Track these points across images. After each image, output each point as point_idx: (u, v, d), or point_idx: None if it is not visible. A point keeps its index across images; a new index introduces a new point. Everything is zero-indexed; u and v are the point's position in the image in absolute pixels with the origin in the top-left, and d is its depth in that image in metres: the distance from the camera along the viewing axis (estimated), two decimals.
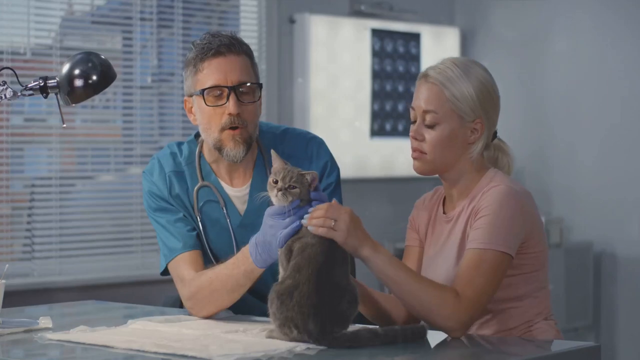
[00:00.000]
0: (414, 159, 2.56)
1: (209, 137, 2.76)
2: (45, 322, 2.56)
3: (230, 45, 2.73)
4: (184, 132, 5.30)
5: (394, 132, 6.06)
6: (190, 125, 5.28)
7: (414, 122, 2.55)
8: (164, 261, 2.81)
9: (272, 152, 2.42)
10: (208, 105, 2.72)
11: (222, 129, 2.73)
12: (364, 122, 5.94)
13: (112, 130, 5.34)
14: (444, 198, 2.66)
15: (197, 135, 2.90)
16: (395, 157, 6.05)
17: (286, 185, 2.35)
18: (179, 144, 2.91)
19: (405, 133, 6.11)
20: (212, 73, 2.72)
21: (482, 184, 2.53)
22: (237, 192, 2.84)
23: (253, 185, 2.82)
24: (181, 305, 3.13)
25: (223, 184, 2.84)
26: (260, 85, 2.78)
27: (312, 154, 2.86)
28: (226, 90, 2.72)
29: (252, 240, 2.50)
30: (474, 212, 2.49)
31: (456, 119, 2.50)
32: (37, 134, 4.96)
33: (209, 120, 2.74)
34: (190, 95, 2.78)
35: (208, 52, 2.72)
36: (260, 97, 2.78)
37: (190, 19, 5.37)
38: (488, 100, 2.52)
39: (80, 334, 2.41)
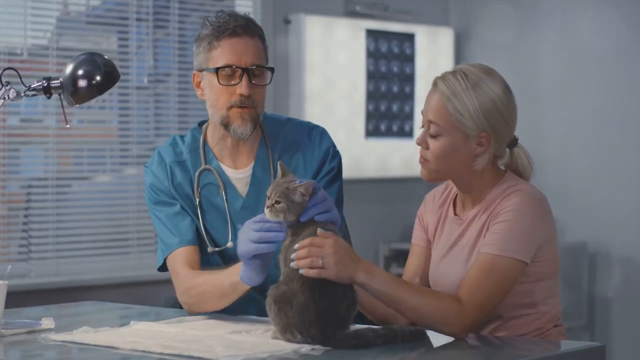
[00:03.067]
0: (420, 163, 2.54)
1: (216, 114, 2.79)
2: (47, 323, 2.56)
3: (246, 27, 2.75)
4: (180, 132, 5.29)
5: (388, 133, 6.07)
6: (186, 125, 5.28)
7: (423, 127, 2.54)
8: (162, 256, 2.82)
9: (279, 163, 2.41)
10: (221, 84, 2.74)
11: (231, 107, 2.76)
12: (359, 123, 5.95)
13: (108, 131, 5.34)
14: (456, 197, 2.64)
15: (201, 124, 2.93)
16: (390, 157, 6.05)
17: (273, 202, 2.32)
18: (181, 135, 2.93)
19: (400, 133, 6.12)
20: (226, 52, 2.74)
21: (500, 189, 2.51)
22: (240, 174, 2.85)
23: (256, 167, 2.84)
24: (181, 306, 3.14)
25: (225, 167, 2.85)
26: (272, 70, 2.81)
27: (315, 140, 2.88)
28: (239, 70, 2.74)
29: None
30: (492, 216, 2.47)
31: (459, 132, 2.47)
32: (34, 134, 4.95)
33: (218, 97, 2.77)
34: (201, 70, 2.80)
35: (225, 31, 2.74)
36: (270, 81, 2.81)
37: (185, 19, 5.36)
38: (496, 116, 2.49)
39: (84, 335, 2.41)
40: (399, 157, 6.07)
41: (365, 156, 5.96)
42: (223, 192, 2.82)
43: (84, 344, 2.32)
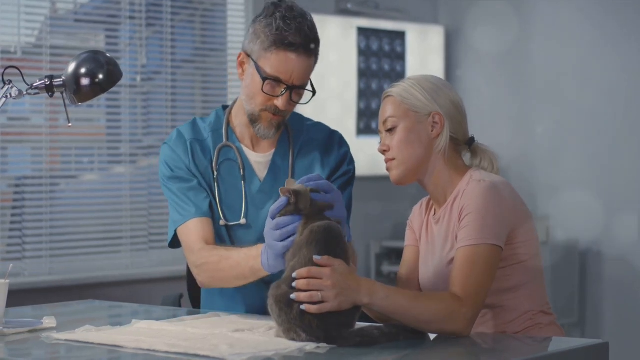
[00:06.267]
0: (388, 170, 2.65)
1: (248, 105, 2.81)
2: (49, 322, 2.55)
3: (307, 47, 2.75)
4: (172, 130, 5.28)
5: None
6: (177, 124, 5.27)
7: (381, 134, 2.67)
8: (173, 227, 2.84)
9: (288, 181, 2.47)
10: (263, 92, 2.75)
11: (264, 109, 2.78)
12: (350, 121, 5.95)
13: (97, 129, 5.32)
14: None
15: (224, 107, 2.96)
16: (381, 155, 6.03)
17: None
18: (202, 118, 2.96)
19: None
20: (279, 65, 2.73)
21: (463, 183, 2.59)
22: (260, 157, 2.88)
23: (276, 155, 2.88)
24: (180, 305, 3.15)
25: (246, 149, 2.89)
26: (314, 92, 2.83)
27: (335, 142, 2.95)
28: (284, 85, 2.75)
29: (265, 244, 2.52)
30: (459, 211, 2.53)
31: (412, 115, 2.60)
32: (23, 133, 4.93)
33: (255, 94, 2.78)
34: (248, 56, 2.79)
35: (289, 46, 2.72)
36: (309, 100, 2.83)
37: (175, 17, 5.35)
38: (442, 97, 2.61)
39: (87, 334, 2.39)
40: None
41: (357, 154, 5.87)
42: (241, 170, 2.85)
43: (88, 342, 2.31)
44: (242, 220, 2.83)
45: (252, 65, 2.77)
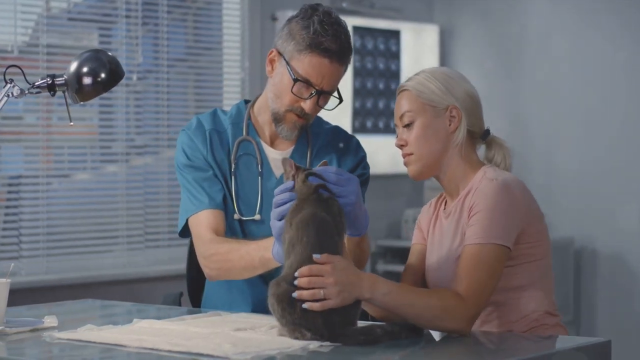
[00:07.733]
0: (405, 165, 2.65)
1: (274, 104, 2.83)
2: (50, 321, 2.55)
3: (341, 54, 2.76)
4: (170, 130, 5.28)
5: (375, 130, 6.08)
6: (174, 122, 5.26)
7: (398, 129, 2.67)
8: (185, 216, 2.86)
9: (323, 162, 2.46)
10: (292, 92, 2.76)
11: (289, 110, 2.80)
12: (346, 120, 5.95)
13: (90, 128, 5.30)
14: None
15: (246, 101, 2.98)
16: (376, 154, 6.03)
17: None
18: (223, 110, 2.98)
19: (386, 130, 6.13)
20: (311, 68, 2.75)
21: (476, 179, 2.58)
22: (278, 154, 2.90)
23: (294, 153, 2.90)
24: (180, 303, 3.14)
25: (265, 145, 2.91)
26: (341, 100, 2.84)
27: (352, 147, 2.97)
28: (313, 89, 2.76)
29: None
30: (469, 208, 2.53)
31: (429, 110, 2.59)
32: (16, 132, 4.91)
33: (283, 94, 2.80)
34: (280, 54, 2.80)
35: (323, 51, 2.73)
36: (335, 106, 2.84)
37: (168, 15, 5.33)
38: (458, 89, 2.60)
39: (89, 333, 2.39)
40: (386, 154, 6.06)
41: None
42: (259, 166, 2.87)
43: (90, 342, 2.30)
44: (257, 216, 2.86)
45: (283, 64, 2.79)
